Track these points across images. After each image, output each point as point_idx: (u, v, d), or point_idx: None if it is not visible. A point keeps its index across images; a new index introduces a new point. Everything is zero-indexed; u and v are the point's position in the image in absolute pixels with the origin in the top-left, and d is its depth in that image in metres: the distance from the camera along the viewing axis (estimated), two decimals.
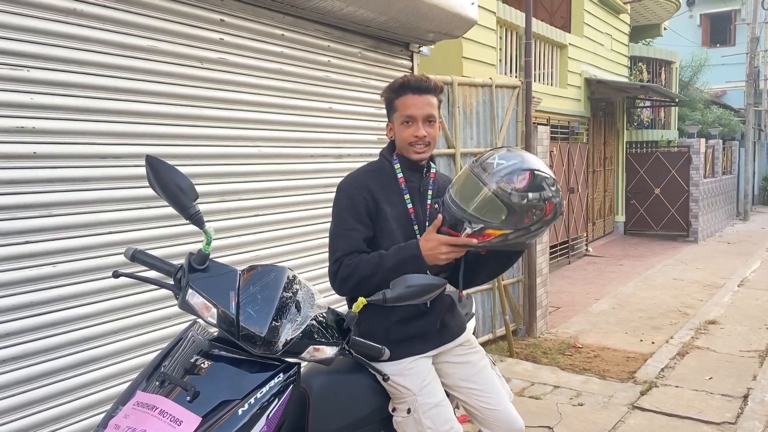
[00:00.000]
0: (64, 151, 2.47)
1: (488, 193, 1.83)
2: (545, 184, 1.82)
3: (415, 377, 2.07)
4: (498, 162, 1.86)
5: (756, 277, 8.61)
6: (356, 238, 2.04)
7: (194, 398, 1.45)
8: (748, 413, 3.97)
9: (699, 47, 21.18)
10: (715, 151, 13.56)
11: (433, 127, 2.10)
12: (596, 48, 10.69)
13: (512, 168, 1.83)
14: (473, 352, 2.25)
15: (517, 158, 1.87)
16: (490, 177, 1.83)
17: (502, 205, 1.82)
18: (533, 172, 1.82)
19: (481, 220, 1.85)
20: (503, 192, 1.81)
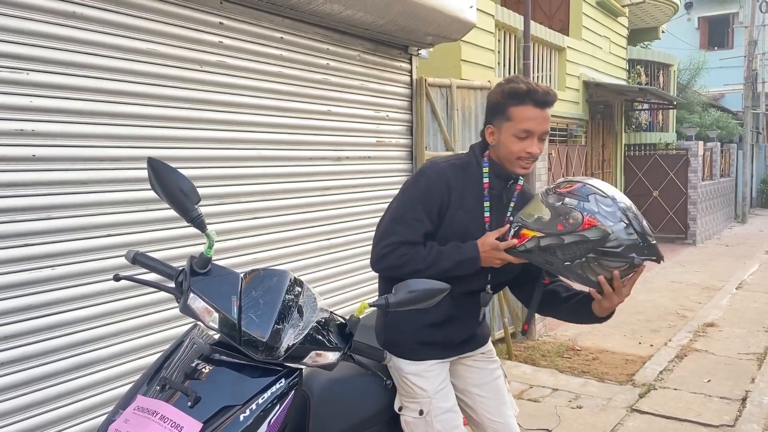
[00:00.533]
0: (64, 154, 2.47)
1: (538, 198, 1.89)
2: (593, 200, 1.79)
3: (433, 380, 2.04)
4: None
5: (754, 279, 8.62)
6: (419, 230, 1.97)
7: (195, 403, 1.45)
8: (746, 416, 3.97)
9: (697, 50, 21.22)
10: (713, 154, 13.57)
11: (543, 143, 1.99)
12: (595, 51, 10.71)
13: (569, 180, 1.90)
14: (490, 362, 2.22)
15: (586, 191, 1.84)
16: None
17: (542, 205, 1.85)
18: (584, 184, 1.84)
19: (521, 219, 1.88)
20: (550, 193, 1.86)
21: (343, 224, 3.92)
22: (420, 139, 4.50)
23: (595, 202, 1.77)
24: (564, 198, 1.81)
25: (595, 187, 1.82)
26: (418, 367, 2.04)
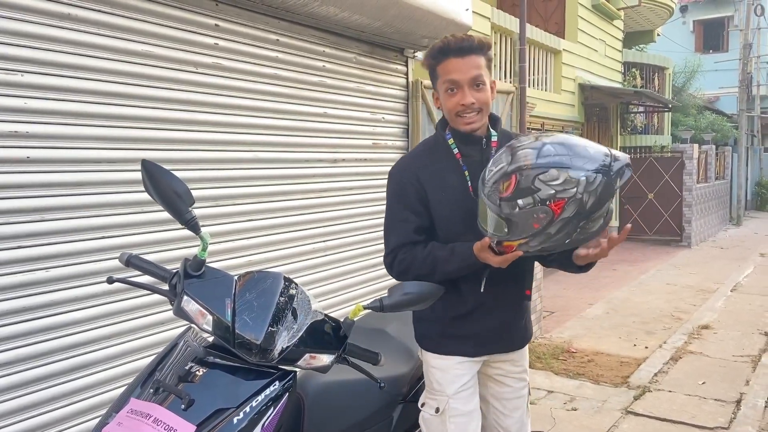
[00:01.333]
0: (58, 156, 2.46)
1: (483, 206, 1.70)
2: (540, 182, 1.58)
3: (456, 381, 2.00)
4: (490, 168, 1.69)
5: (749, 282, 8.64)
6: (407, 230, 1.93)
7: (189, 406, 1.44)
8: (741, 418, 3.98)
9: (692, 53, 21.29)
10: (708, 157, 13.62)
11: (483, 91, 1.88)
12: (590, 54, 10.74)
13: (500, 174, 1.64)
14: (518, 379, 2.14)
15: (506, 158, 1.66)
16: (482, 187, 1.69)
17: (497, 218, 1.66)
18: (519, 172, 1.61)
19: (492, 234, 1.72)
20: (492, 204, 1.66)
21: (338, 226, 3.92)
22: (416, 141, 4.51)
23: (543, 182, 1.59)
24: (515, 201, 1.63)
25: (527, 165, 1.61)
26: (443, 362, 2.00)
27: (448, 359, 2.00)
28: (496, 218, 1.68)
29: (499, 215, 1.67)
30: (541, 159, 1.62)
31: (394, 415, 2.11)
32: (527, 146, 1.67)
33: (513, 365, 2.13)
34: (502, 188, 1.64)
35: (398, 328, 2.36)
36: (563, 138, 1.68)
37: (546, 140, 1.67)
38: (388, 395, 2.06)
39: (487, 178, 1.69)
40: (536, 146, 1.65)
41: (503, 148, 1.74)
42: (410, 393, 2.22)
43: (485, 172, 1.72)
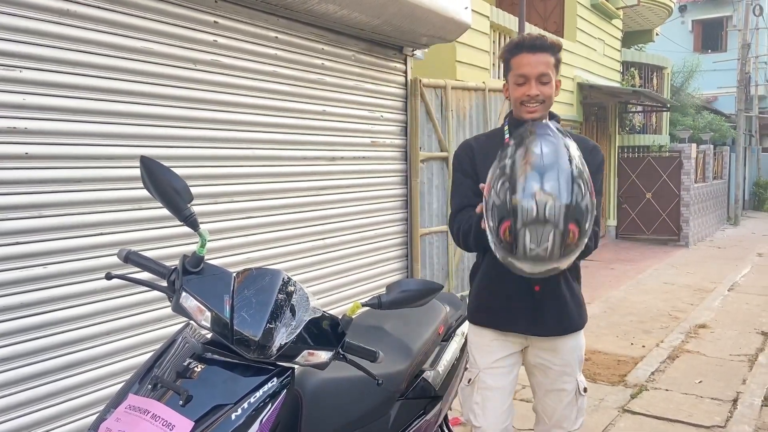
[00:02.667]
0: (57, 152, 2.46)
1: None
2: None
3: (488, 356, 2.18)
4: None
5: (746, 281, 8.66)
6: (465, 192, 2.12)
7: (187, 402, 1.44)
8: (737, 417, 3.99)
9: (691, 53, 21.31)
10: (706, 156, 13.63)
11: (548, 86, 2.07)
12: (589, 53, 10.74)
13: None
14: (560, 372, 2.20)
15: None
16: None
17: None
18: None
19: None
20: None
21: (337, 224, 3.92)
22: (414, 139, 4.51)
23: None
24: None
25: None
26: (478, 338, 2.20)
27: (483, 335, 2.20)
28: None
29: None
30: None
31: (391, 412, 2.12)
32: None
33: (553, 356, 2.20)
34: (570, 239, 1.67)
35: (396, 325, 2.37)
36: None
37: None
38: (385, 392, 2.07)
39: (543, 255, 1.68)
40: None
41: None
42: (408, 390, 2.22)
43: (529, 251, 1.69)
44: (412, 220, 4.52)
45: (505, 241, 1.70)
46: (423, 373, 2.31)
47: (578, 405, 2.25)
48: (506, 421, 2.24)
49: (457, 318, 2.65)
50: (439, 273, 4.83)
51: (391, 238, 4.44)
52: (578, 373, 2.25)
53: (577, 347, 2.24)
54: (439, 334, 2.49)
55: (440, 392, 2.38)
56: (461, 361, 2.56)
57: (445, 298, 2.69)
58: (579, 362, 2.25)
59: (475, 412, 2.21)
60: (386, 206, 4.36)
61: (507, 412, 2.24)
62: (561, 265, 1.76)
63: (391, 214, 4.41)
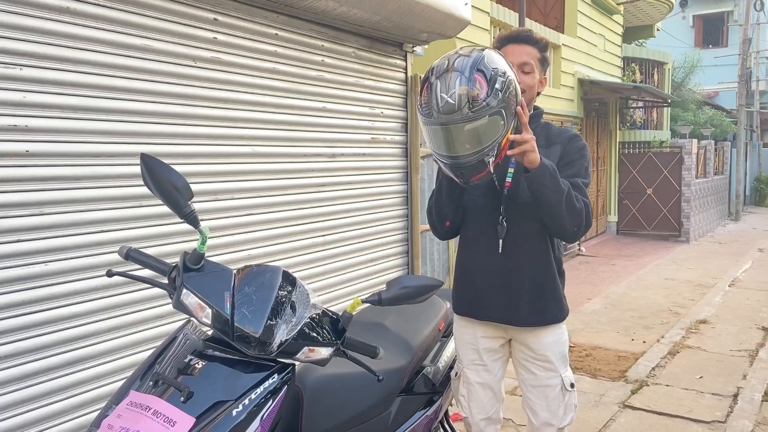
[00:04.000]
0: (57, 150, 2.46)
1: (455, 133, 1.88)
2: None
3: (470, 353, 2.29)
4: (444, 95, 1.87)
5: (747, 277, 8.66)
6: (438, 180, 2.26)
7: (188, 399, 1.45)
8: (738, 412, 4.00)
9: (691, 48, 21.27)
10: (707, 152, 13.63)
11: (529, 76, 2.13)
12: (589, 48, 10.73)
13: (461, 84, 1.84)
14: (542, 368, 2.24)
15: (455, 77, 1.85)
16: (450, 115, 1.86)
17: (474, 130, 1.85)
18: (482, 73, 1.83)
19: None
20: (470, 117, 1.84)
21: (337, 221, 3.92)
22: (415, 136, 4.51)
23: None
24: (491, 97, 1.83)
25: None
26: (459, 333, 2.32)
27: (464, 331, 2.30)
28: (473, 131, 1.83)
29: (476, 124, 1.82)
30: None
31: (392, 408, 2.12)
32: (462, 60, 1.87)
33: (533, 351, 2.23)
34: (477, 91, 1.79)
35: (396, 321, 2.37)
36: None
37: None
38: (386, 388, 2.07)
39: (452, 102, 1.81)
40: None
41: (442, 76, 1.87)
42: (408, 386, 2.23)
43: (440, 101, 1.83)
44: (413, 216, 4.53)
45: (424, 103, 1.89)
46: (423, 369, 2.32)
47: (565, 401, 2.25)
48: (490, 411, 2.32)
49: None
50: (440, 269, 4.84)
51: (392, 235, 4.44)
52: (562, 368, 2.25)
53: (557, 342, 2.24)
54: (439, 330, 2.49)
55: (441, 388, 2.39)
56: None
57: (445, 294, 2.70)
58: (561, 357, 2.25)
59: (461, 403, 2.35)
60: (387, 203, 4.36)
61: (491, 403, 2.31)
62: (475, 131, 1.82)
63: (391, 211, 4.41)
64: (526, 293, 2.17)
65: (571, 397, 2.27)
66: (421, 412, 2.27)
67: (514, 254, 2.15)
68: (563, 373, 2.24)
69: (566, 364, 2.28)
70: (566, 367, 2.28)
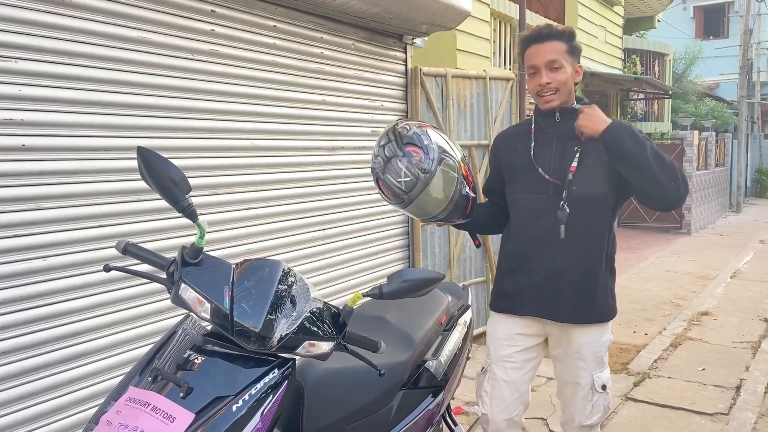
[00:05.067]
0: (54, 144, 2.44)
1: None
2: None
3: (501, 349, 2.28)
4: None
5: (748, 268, 8.65)
6: (493, 179, 2.42)
7: (187, 394, 1.43)
8: (740, 404, 3.99)
9: (692, 39, 21.20)
10: (708, 144, 13.59)
11: (560, 72, 2.11)
12: (590, 40, 10.67)
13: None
14: (575, 366, 2.24)
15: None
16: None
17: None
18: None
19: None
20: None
21: (337, 214, 3.91)
22: None
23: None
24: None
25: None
26: (494, 329, 2.32)
27: (499, 328, 2.30)
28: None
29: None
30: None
31: (393, 403, 2.11)
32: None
33: (568, 347, 2.22)
34: (418, 157, 2.04)
35: (398, 315, 2.35)
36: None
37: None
38: (388, 382, 2.06)
39: (409, 178, 2.04)
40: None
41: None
42: (410, 380, 2.22)
43: (402, 185, 2.06)
44: None
45: (392, 197, 2.09)
46: (425, 363, 2.31)
47: (594, 401, 2.24)
48: (513, 413, 2.28)
49: (459, 308, 2.63)
50: (441, 263, 4.82)
51: (392, 228, 4.42)
52: (596, 369, 2.23)
53: (594, 342, 2.22)
54: (441, 323, 2.48)
55: (442, 382, 2.37)
56: (463, 350, 2.55)
57: (446, 287, 2.68)
58: (596, 358, 2.23)
59: (483, 399, 2.33)
60: None
61: (515, 404, 2.27)
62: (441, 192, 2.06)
63: None
64: (572, 289, 2.16)
65: (602, 398, 2.25)
66: (423, 406, 2.26)
67: (564, 248, 2.14)
68: (595, 374, 2.23)
69: (602, 366, 2.26)
70: (602, 368, 2.26)
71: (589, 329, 2.20)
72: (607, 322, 2.24)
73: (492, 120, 5.20)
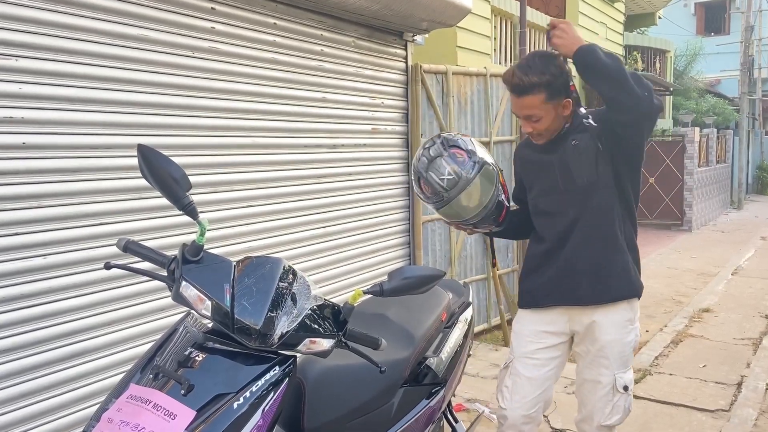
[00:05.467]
0: (54, 142, 2.44)
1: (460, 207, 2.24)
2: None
3: (525, 346, 2.31)
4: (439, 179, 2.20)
5: (750, 265, 8.64)
6: (517, 188, 2.51)
7: (188, 392, 1.43)
8: (741, 401, 3.99)
9: (693, 36, 21.16)
10: (709, 140, 13.57)
11: (540, 122, 2.14)
12: (591, 37, 10.65)
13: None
14: (597, 363, 2.26)
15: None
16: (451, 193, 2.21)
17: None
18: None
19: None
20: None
21: (338, 212, 3.90)
22: (415, 126, 4.48)
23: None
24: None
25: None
26: (519, 325, 2.36)
27: (525, 324, 2.34)
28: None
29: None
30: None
31: (394, 400, 2.11)
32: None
33: (592, 343, 2.24)
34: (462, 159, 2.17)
35: (399, 312, 2.35)
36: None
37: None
38: (388, 379, 2.06)
39: (451, 177, 2.14)
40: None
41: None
42: (411, 377, 2.22)
43: (443, 183, 2.16)
44: (414, 207, 4.50)
45: (431, 194, 2.18)
46: (426, 360, 2.31)
47: (614, 401, 2.25)
48: (532, 409, 2.28)
49: (460, 305, 2.63)
50: (442, 260, 4.82)
51: (393, 226, 4.42)
52: (619, 369, 2.24)
53: (619, 342, 2.23)
54: (442, 321, 2.47)
55: (443, 379, 2.37)
56: (464, 347, 2.55)
57: (447, 284, 2.68)
58: (620, 357, 2.24)
59: (503, 394, 2.35)
60: (388, 193, 4.33)
61: (534, 401, 2.28)
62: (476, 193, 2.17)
63: (392, 202, 4.39)
64: (586, 271, 2.21)
65: (623, 399, 2.26)
66: (424, 403, 2.26)
67: (575, 237, 2.21)
68: (617, 374, 2.24)
69: (626, 366, 2.26)
70: (625, 369, 2.26)
71: (614, 314, 2.22)
72: (632, 305, 2.27)
73: (492, 117, 5.20)
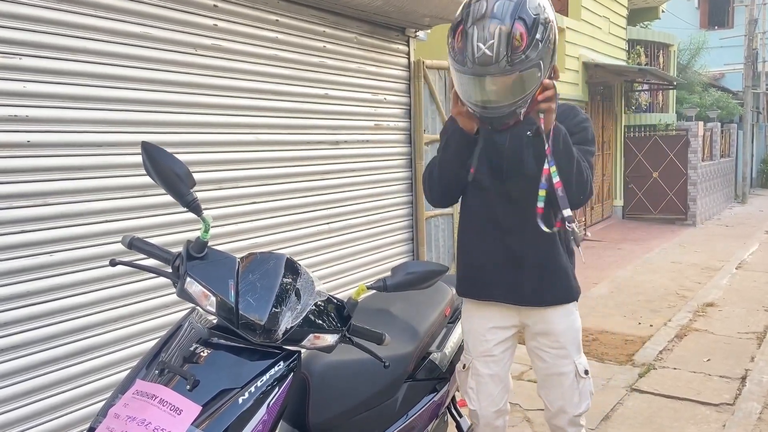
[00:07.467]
0: (59, 140, 2.45)
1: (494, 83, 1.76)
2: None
3: (480, 345, 2.21)
4: (481, 45, 1.74)
5: (754, 259, 8.62)
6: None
7: (194, 387, 1.44)
8: (746, 394, 3.98)
9: (697, 30, 21.06)
10: (713, 135, 13.52)
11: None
12: (594, 31, 10.62)
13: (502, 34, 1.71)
14: (555, 355, 2.19)
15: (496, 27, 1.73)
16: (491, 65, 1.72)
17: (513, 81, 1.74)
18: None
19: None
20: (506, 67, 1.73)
21: (341, 208, 3.91)
22: (418, 121, 4.48)
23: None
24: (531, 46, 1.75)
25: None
26: (468, 324, 2.25)
27: (473, 322, 2.23)
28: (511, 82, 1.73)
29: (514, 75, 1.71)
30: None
31: (398, 395, 2.12)
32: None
33: (546, 339, 2.19)
34: (517, 43, 1.67)
35: (402, 307, 2.36)
36: None
37: None
38: (392, 374, 2.06)
39: (489, 54, 1.69)
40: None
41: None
42: (415, 372, 2.23)
43: (477, 51, 1.71)
44: (417, 203, 4.51)
45: (458, 50, 1.74)
46: (430, 354, 2.32)
47: (580, 388, 2.22)
48: (500, 403, 2.27)
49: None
50: (445, 255, 4.83)
51: (396, 222, 4.43)
52: (576, 355, 2.21)
53: (570, 329, 2.20)
54: (445, 315, 2.48)
55: (447, 374, 2.38)
56: None
57: (451, 279, 2.68)
58: (575, 344, 2.21)
59: (470, 395, 2.28)
60: (391, 189, 4.34)
61: (501, 395, 2.27)
62: (511, 85, 1.71)
63: (395, 197, 4.40)
64: (532, 273, 2.12)
65: (586, 384, 2.24)
66: (428, 397, 2.27)
67: (516, 232, 2.10)
68: (576, 360, 2.21)
69: (580, 351, 2.24)
70: (580, 353, 2.24)
71: (560, 312, 2.17)
72: (572, 303, 2.20)
73: None
